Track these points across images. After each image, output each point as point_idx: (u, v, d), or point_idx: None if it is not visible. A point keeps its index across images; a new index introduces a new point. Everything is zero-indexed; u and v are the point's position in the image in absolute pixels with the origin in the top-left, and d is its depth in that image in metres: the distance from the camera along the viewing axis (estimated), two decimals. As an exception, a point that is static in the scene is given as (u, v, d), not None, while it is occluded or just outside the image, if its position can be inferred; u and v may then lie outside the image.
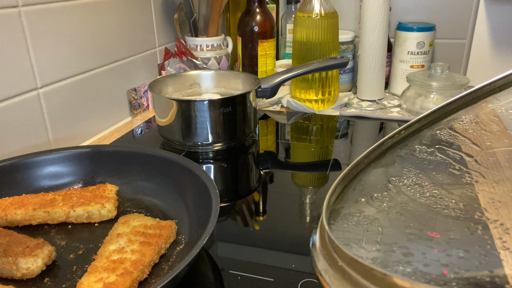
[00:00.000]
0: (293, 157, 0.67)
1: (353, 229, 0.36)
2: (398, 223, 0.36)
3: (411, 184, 0.41)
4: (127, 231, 0.43)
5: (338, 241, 0.31)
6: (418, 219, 0.37)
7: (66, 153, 0.54)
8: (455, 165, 0.44)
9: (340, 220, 0.37)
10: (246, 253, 0.44)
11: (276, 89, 0.72)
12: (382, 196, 0.40)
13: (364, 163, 0.43)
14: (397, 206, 0.38)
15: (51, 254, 0.41)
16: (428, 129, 0.47)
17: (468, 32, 0.94)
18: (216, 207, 0.41)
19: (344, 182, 0.40)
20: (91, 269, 0.37)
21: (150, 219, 0.45)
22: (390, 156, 0.45)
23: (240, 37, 0.90)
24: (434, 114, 0.46)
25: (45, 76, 0.63)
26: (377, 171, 0.43)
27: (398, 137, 0.46)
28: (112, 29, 0.76)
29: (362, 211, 0.38)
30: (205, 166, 0.64)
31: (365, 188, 0.41)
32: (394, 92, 0.93)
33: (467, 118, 0.47)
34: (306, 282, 0.39)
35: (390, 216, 0.37)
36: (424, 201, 0.39)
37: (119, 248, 0.40)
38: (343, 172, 0.40)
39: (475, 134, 0.46)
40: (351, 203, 0.39)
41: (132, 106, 0.83)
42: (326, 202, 0.36)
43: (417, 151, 0.45)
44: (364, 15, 0.83)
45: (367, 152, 0.43)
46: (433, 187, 0.41)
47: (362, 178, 0.42)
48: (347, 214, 0.38)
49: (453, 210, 0.38)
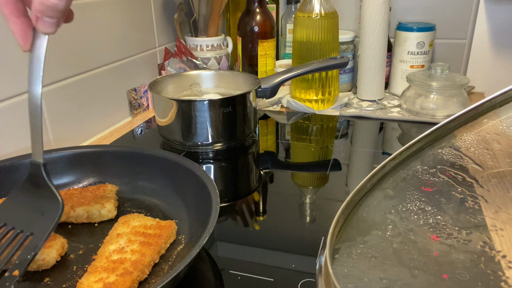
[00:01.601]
0: (293, 157, 0.67)
1: (357, 264, 0.35)
2: (402, 255, 0.36)
3: (415, 210, 0.41)
4: (127, 231, 0.43)
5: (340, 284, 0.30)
6: (421, 250, 0.37)
7: (66, 153, 0.54)
8: (457, 188, 0.43)
9: (344, 254, 0.35)
10: (246, 253, 0.44)
11: (276, 89, 0.72)
12: (386, 225, 0.39)
13: (367, 187, 0.42)
14: (401, 235, 0.38)
15: (64, 245, 0.42)
16: (429, 148, 0.46)
17: (468, 32, 0.94)
18: (216, 207, 0.41)
19: (347, 211, 0.39)
20: (91, 269, 0.38)
21: (150, 219, 0.45)
22: (392, 178, 0.44)
23: (240, 37, 0.90)
24: (435, 132, 0.46)
25: (45, 76, 0.63)
26: (380, 196, 0.43)
27: (400, 157, 0.45)
28: (112, 29, 0.76)
29: (366, 241, 0.37)
30: (205, 166, 0.64)
31: (368, 216, 0.40)
32: (394, 92, 0.93)
33: (469, 136, 0.47)
34: (306, 282, 0.39)
35: (395, 246, 0.37)
36: (427, 228, 0.39)
37: (119, 248, 0.40)
38: (346, 200, 0.39)
39: (476, 153, 0.46)
40: (355, 233, 0.38)
41: (132, 106, 0.83)
42: (330, 235, 0.35)
43: (420, 172, 0.45)
44: (364, 15, 0.83)
45: (369, 176, 0.42)
46: (437, 213, 0.40)
47: (365, 205, 0.41)
48: (351, 246, 0.36)
49: (456, 239, 0.37)
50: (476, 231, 0.39)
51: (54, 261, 0.41)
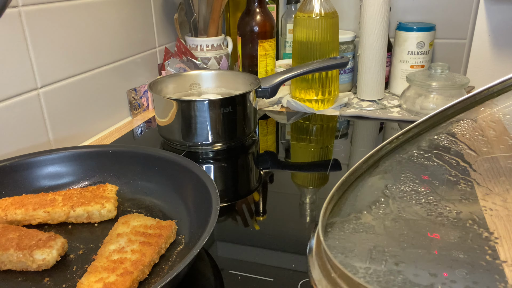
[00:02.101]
0: (293, 157, 0.67)
1: (349, 237, 0.36)
2: (393, 230, 0.37)
3: (408, 190, 0.42)
4: (127, 231, 0.43)
5: (332, 253, 0.31)
6: (412, 226, 0.37)
7: (66, 153, 0.54)
8: (451, 171, 0.44)
9: (336, 228, 0.37)
10: (246, 253, 0.44)
11: (276, 89, 0.72)
12: (379, 203, 0.40)
13: (363, 168, 0.43)
14: (393, 213, 0.39)
15: (64, 245, 0.42)
16: (426, 134, 0.47)
17: (468, 32, 0.94)
18: (216, 207, 0.41)
19: (342, 189, 0.40)
20: (91, 269, 0.38)
21: (150, 219, 0.45)
22: (388, 161, 0.45)
23: (240, 37, 0.90)
24: (432, 118, 0.46)
25: (45, 76, 0.63)
26: (375, 177, 0.43)
27: (396, 142, 0.46)
28: (112, 29, 0.76)
29: (358, 218, 0.39)
30: (205, 166, 0.64)
31: (362, 195, 0.41)
32: (394, 92, 0.93)
33: (465, 123, 0.47)
34: (306, 282, 0.39)
35: (386, 223, 0.38)
36: (419, 208, 0.39)
37: (119, 248, 0.40)
38: (341, 179, 0.40)
39: (472, 140, 0.47)
40: (349, 210, 0.40)
41: (132, 106, 0.83)
42: (323, 210, 0.36)
43: (415, 156, 0.46)
44: (364, 15, 0.83)
45: (365, 158, 0.43)
46: (429, 194, 0.41)
47: (360, 185, 0.42)
48: (344, 221, 0.38)
49: (446, 217, 0.38)
50: (466, 211, 0.39)
51: (54, 261, 0.41)
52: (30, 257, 0.39)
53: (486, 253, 0.34)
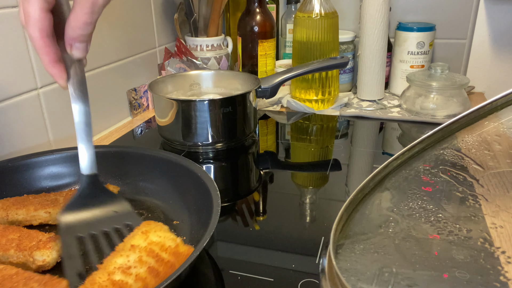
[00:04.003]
0: (293, 157, 0.67)
1: (360, 259, 0.36)
2: (404, 250, 0.37)
3: (416, 208, 0.42)
4: (143, 245, 0.38)
5: (344, 276, 0.31)
6: (423, 245, 0.37)
7: (68, 154, 0.55)
8: (458, 187, 0.44)
9: (347, 249, 0.36)
10: (246, 253, 0.44)
11: (276, 89, 0.72)
12: (388, 222, 0.40)
13: (370, 186, 0.43)
14: (403, 231, 0.39)
15: None
16: (431, 149, 0.47)
17: (468, 32, 0.94)
18: (217, 209, 0.41)
19: (350, 208, 0.40)
20: (89, 282, 0.35)
21: (170, 239, 0.40)
22: (395, 177, 0.45)
23: (240, 37, 0.90)
24: (437, 134, 0.46)
25: (45, 76, 0.63)
26: (382, 195, 0.43)
27: (402, 158, 0.46)
28: (112, 29, 0.76)
29: (369, 237, 0.38)
30: (205, 166, 0.64)
31: (371, 213, 0.41)
32: (394, 92, 0.93)
33: (470, 137, 0.47)
34: (306, 282, 0.39)
35: (397, 242, 0.37)
36: (429, 226, 0.39)
37: (125, 266, 0.36)
38: (349, 198, 0.40)
39: (478, 154, 0.47)
40: (358, 229, 0.39)
41: (132, 106, 0.84)
42: (333, 231, 0.36)
43: (421, 172, 0.46)
44: (364, 15, 0.83)
45: (372, 175, 0.43)
46: (438, 211, 0.41)
47: (368, 203, 0.42)
48: (354, 241, 0.37)
49: (457, 236, 0.38)
50: (476, 229, 0.39)
51: (55, 262, 0.41)
52: (30, 258, 0.39)
53: (500, 273, 0.34)
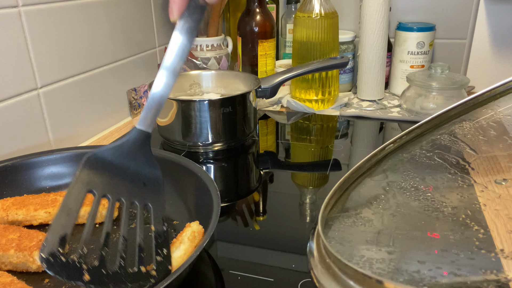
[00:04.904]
0: (293, 157, 0.67)
1: (347, 229, 0.38)
2: (390, 224, 0.38)
3: (408, 187, 0.43)
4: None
5: (329, 241, 0.33)
6: (408, 220, 0.39)
7: (68, 153, 0.54)
8: (450, 169, 0.45)
9: (336, 221, 0.39)
10: (246, 253, 0.44)
11: (276, 89, 0.72)
12: (379, 199, 0.41)
13: (365, 167, 0.44)
14: (392, 208, 0.40)
15: None
16: (429, 134, 0.48)
17: (468, 32, 0.94)
18: (217, 209, 0.41)
19: (344, 186, 0.42)
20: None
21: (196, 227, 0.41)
22: (391, 160, 0.46)
23: (240, 37, 0.90)
24: (435, 119, 0.47)
25: (45, 76, 0.63)
26: (377, 175, 0.44)
27: (399, 142, 0.47)
28: (112, 29, 0.76)
29: (358, 212, 0.40)
30: (205, 166, 0.64)
31: (364, 191, 0.42)
32: (394, 92, 0.93)
33: (467, 124, 0.48)
34: (306, 282, 0.39)
35: (384, 217, 0.39)
36: (418, 203, 0.40)
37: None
38: (344, 176, 0.41)
39: (473, 140, 0.48)
40: (349, 205, 0.41)
41: (132, 106, 0.84)
42: (324, 204, 0.38)
43: (417, 156, 0.46)
44: (364, 15, 0.83)
45: (368, 157, 0.44)
46: (427, 191, 0.42)
47: (362, 182, 0.43)
48: (344, 215, 0.39)
49: (442, 212, 0.39)
50: (461, 207, 0.41)
51: None
52: (30, 258, 0.39)
53: (474, 244, 0.36)
